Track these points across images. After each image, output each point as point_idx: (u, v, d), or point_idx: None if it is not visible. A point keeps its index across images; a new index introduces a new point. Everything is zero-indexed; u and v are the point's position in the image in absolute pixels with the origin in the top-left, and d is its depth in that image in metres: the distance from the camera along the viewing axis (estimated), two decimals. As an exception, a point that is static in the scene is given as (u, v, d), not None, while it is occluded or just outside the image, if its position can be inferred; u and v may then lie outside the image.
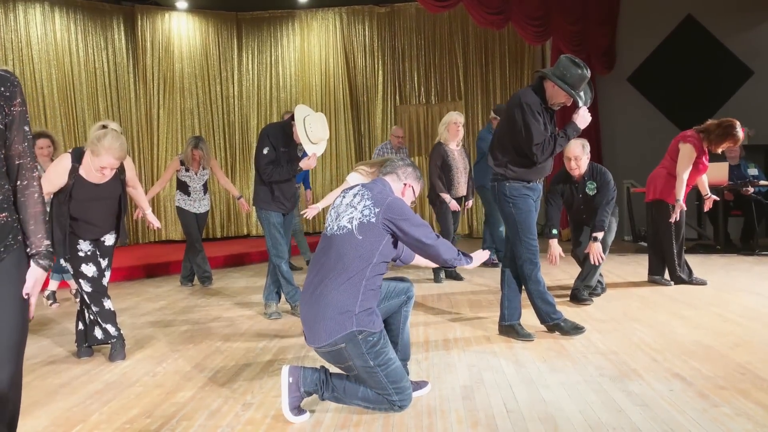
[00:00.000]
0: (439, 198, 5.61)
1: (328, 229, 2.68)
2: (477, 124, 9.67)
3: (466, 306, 4.68)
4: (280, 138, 4.41)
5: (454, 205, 5.60)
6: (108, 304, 3.57)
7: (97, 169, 3.34)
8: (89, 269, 3.54)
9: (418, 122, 10.06)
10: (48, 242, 1.98)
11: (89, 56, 9.09)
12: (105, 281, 3.63)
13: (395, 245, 2.69)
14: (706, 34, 9.41)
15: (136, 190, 3.85)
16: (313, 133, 4.32)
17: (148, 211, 4.10)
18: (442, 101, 10.06)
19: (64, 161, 3.42)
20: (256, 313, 4.72)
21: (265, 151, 4.37)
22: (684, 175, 5.10)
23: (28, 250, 1.95)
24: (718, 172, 7.06)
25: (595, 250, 4.39)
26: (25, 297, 1.91)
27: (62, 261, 3.90)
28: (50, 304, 5.31)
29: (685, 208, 5.21)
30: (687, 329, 3.74)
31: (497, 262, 6.82)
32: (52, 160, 4.70)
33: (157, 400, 2.84)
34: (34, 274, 1.94)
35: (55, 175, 3.40)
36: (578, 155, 4.46)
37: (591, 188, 4.56)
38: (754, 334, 3.59)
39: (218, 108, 9.90)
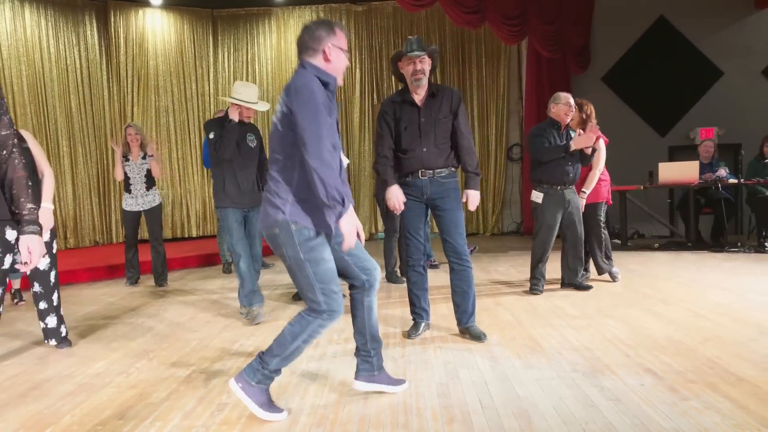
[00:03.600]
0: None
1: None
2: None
3: (441, 302, 4.70)
4: (216, 126, 4.31)
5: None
6: None
7: None
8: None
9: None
10: (31, 206, 1.97)
11: (60, 53, 8.93)
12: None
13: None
14: (678, 35, 9.60)
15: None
16: (241, 95, 4.25)
17: None
18: (419, 100, 10.08)
19: None
20: (232, 312, 4.68)
21: (211, 136, 4.28)
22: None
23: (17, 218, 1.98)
24: (688, 171, 7.19)
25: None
26: (26, 266, 1.93)
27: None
28: (16, 303, 5.24)
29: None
30: (659, 325, 3.81)
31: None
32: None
33: (130, 401, 2.80)
34: (25, 243, 1.94)
35: None
36: (573, 104, 4.83)
37: (573, 135, 4.87)
38: (723, 329, 3.67)
39: (193, 106, 9.81)
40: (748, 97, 9.43)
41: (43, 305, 3.75)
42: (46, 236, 3.69)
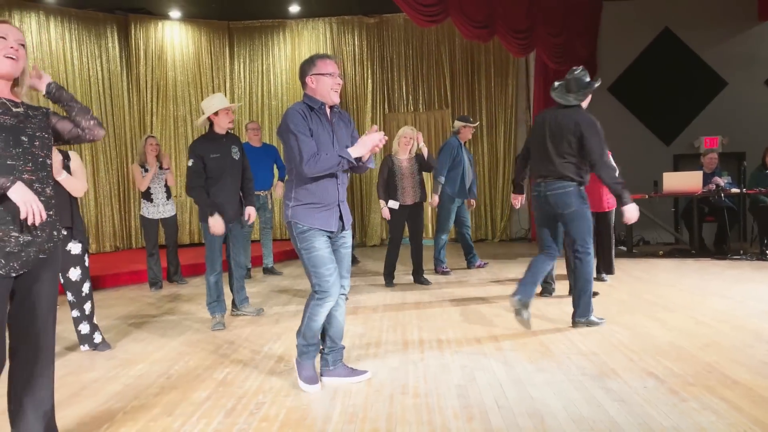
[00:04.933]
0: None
1: None
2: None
3: (455, 309, 4.95)
4: (207, 146, 4.44)
5: (385, 212, 5.95)
6: None
7: None
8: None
9: (406, 130, 10.33)
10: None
11: (83, 64, 9.25)
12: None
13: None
14: (682, 46, 9.83)
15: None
16: (221, 102, 4.44)
17: None
18: (429, 109, 10.36)
19: None
20: (255, 316, 4.94)
21: (189, 164, 4.45)
22: None
23: None
24: (692, 181, 7.42)
25: None
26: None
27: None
28: None
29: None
30: (662, 331, 4.05)
31: (486, 263, 7.23)
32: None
33: (175, 400, 3.06)
34: None
35: None
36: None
37: None
38: (722, 335, 3.90)
39: (211, 115, 10.09)
40: (751, 107, 9.64)
41: (75, 313, 4.02)
42: (78, 249, 3.95)
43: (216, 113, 4.48)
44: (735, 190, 7.45)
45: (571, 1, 9.00)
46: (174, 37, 9.86)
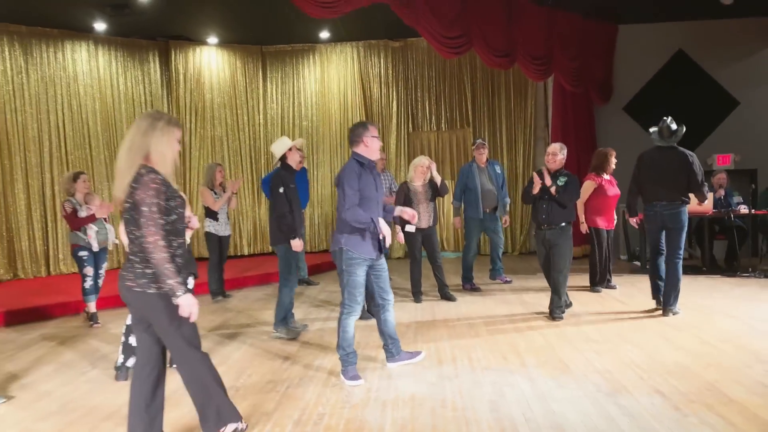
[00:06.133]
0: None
1: None
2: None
3: (482, 326, 5.45)
4: (289, 177, 5.33)
5: (400, 237, 6.01)
6: None
7: None
8: None
9: (429, 147, 10.86)
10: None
11: (128, 88, 9.89)
12: None
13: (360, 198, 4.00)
14: (695, 67, 10.22)
15: None
16: (275, 148, 5.40)
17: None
18: (451, 128, 10.87)
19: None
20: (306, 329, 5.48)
21: (280, 191, 5.21)
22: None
23: None
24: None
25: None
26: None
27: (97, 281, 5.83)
28: (92, 325, 6.06)
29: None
30: (669, 350, 4.52)
31: (509, 280, 7.70)
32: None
33: (248, 411, 3.60)
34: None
35: None
36: (555, 152, 5.68)
37: (561, 181, 5.62)
38: (724, 355, 4.36)
39: (245, 135, 10.70)
40: (763, 125, 10.01)
41: None
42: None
43: (290, 149, 5.35)
44: (744, 210, 7.85)
45: (587, 27, 9.45)
46: (211, 62, 10.46)
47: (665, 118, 5.77)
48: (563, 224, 5.57)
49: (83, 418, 3.63)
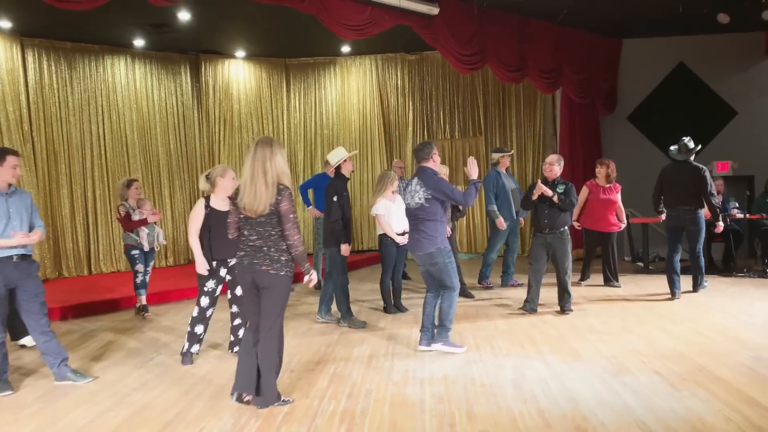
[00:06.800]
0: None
1: (407, 204, 5.01)
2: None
3: (500, 319, 6.06)
4: (343, 185, 5.94)
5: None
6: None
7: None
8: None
9: (443, 155, 11.48)
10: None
11: (162, 99, 10.56)
12: None
13: (442, 203, 4.90)
14: (695, 79, 10.83)
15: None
16: (332, 156, 6.08)
17: None
18: (465, 136, 11.51)
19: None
20: (330, 327, 6.10)
21: (334, 199, 5.82)
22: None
23: None
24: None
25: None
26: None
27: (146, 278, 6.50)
28: (144, 315, 6.73)
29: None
30: (667, 339, 5.12)
31: (520, 283, 8.15)
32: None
33: (305, 386, 4.21)
34: None
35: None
36: (552, 162, 6.32)
37: (560, 189, 6.23)
38: (716, 344, 4.96)
39: (270, 143, 11.34)
40: (759, 134, 10.59)
41: (237, 322, 5.11)
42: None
43: (345, 160, 5.99)
44: (740, 215, 8.45)
45: (593, 42, 10.07)
46: (238, 74, 11.12)
47: (684, 138, 7.04)
48: (563, 228, 6.19)
49: (165, 393, 4.26)
